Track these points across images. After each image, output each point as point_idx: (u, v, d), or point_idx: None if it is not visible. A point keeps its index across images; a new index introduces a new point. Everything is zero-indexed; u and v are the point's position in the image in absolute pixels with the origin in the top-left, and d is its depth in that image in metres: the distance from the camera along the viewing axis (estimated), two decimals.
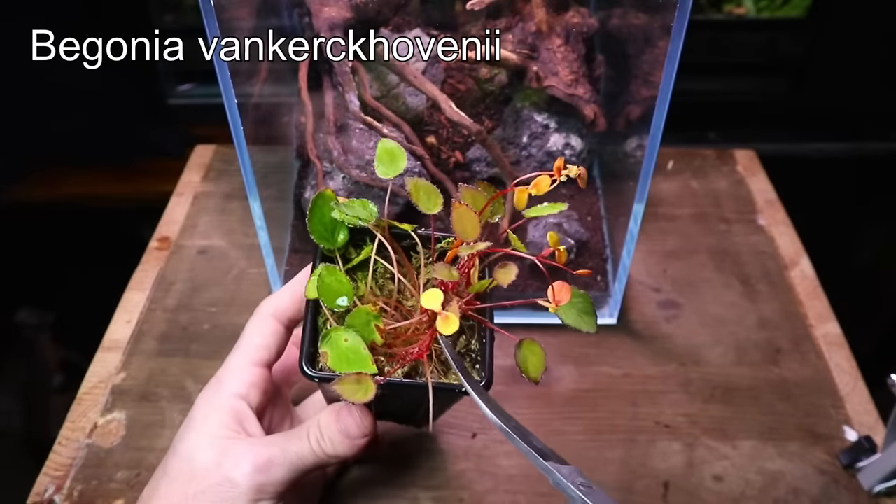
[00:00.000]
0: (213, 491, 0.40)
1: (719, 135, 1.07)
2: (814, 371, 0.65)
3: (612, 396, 0.62)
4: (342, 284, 0.40)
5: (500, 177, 0.66)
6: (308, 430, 0.42)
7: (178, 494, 0.41)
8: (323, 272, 0.40)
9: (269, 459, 0.41)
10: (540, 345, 0.40)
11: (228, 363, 0.45)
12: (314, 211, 0.42)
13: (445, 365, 0.41)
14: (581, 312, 0.39)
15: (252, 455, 0.41)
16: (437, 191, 0.41)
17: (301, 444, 0.42)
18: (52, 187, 1.07)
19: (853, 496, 0.56)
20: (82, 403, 0.62)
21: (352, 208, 0.42)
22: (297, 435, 0.42)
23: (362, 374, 0.37)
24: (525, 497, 0.56)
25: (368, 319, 0.39)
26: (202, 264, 0.74)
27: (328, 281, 0.40)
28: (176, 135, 1.05)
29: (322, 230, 0.43)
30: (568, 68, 0.62)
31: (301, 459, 0.42)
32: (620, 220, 0.62)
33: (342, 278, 0.41)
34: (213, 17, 0.46)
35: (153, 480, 0.43)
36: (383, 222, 0.43)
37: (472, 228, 0.38)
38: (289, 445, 0.42)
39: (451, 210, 0.38)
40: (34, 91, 0.95)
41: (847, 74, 1.03)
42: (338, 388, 0.37)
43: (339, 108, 0.61)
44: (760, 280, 0.73)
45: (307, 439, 0.42)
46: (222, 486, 0.40)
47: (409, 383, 0.40)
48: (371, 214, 0.42)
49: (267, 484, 0.41)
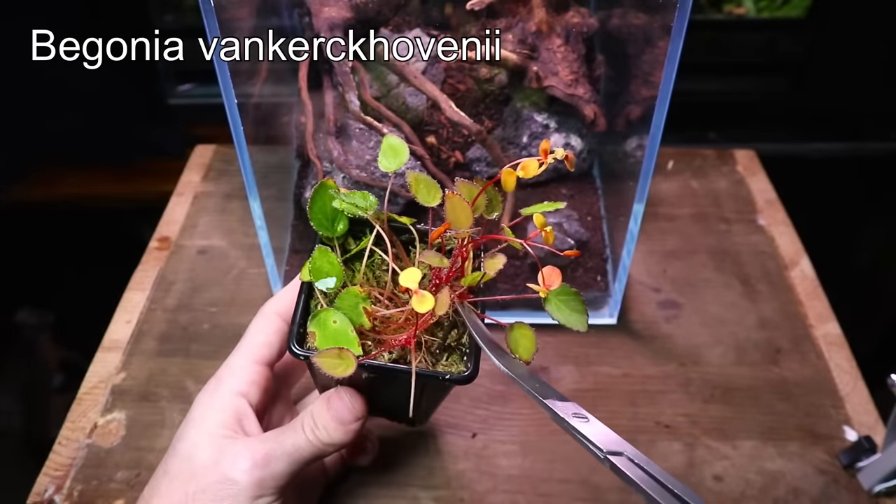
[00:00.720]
0: (213, 489, 0.40)
1: (719, 135, 1.07)
2: (814, 371, 0.65)
3: (612, 396, 0.62)
4: (332, 266, 0.41)
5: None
6: (302, 421, 0.43)
7: (178, 493, 0.41)
8: (315, 254, 0.41)
9: (267, 454, 0.41)
10: (531, 329, 0.40)
11: (229, 362, 0.45)
12: (315, 200, 0.43)
13: (434, 356, 0.42)
14: (572, 311, 0.39)
15: (249, 452, 0.41)
16: (437, 184, 0.42)
17: (297, 435, 0.42)
18: (52, 187, 1.07)
19: (853, 496, 0.56)
20: (82, 403, 0.62)
21: (352, 197, 0.42)
22: (292, 428, 0.43)
23: (343, 349, 0.37)
24: (525, 497, 0.56)
25: (357, 302, 0.40)
26: (202, 264, 0.74)
27: (319, 262, 0.41)
28: (176, 135, 1.05)
29: (322, 219, 0.44)
30: (568, 68, 0.62)
31: (298, 451, 0.42)
32: (620, 220, 0.62)
33: (333, 260, 0.42)
34: (213, 17, 0.46)
35: (154, 479, 0.43)
36: (383, 215, 0.43)
37: (464, 218, 0.38)
38: (285, 438, 0.42)
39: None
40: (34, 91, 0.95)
41: (847, 74, 1.03)
42: (318, 360, 0.37)
43: (339, 108, 0.61)
44: (760, 280, 0.73)
45: (302, 430, 0.42)
46: (222, 484, 0.40)
47: (392, 367, 0.39)
48: (371, 205, 0.43)
49: (267, 478, 0.41)
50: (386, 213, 0.44)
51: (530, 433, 0.60)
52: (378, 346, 0.41)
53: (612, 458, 0.34)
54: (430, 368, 0.41)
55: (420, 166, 0.63)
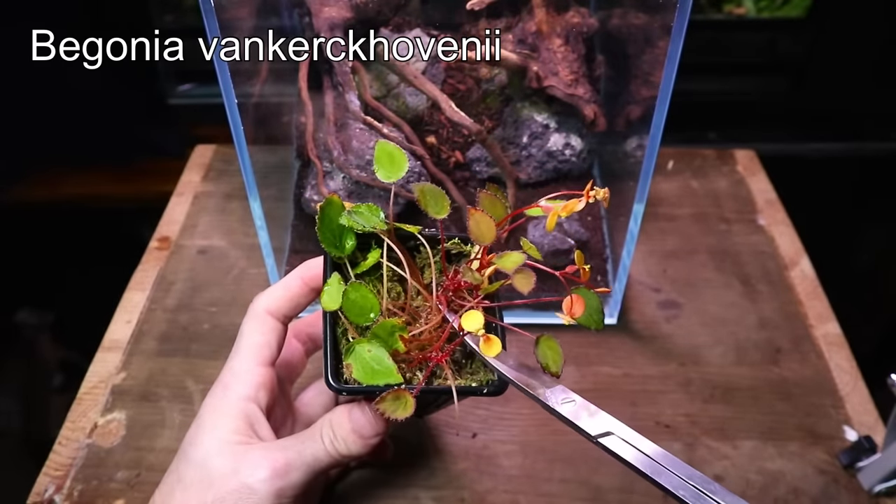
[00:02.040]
0: (232, 498, 0.40)
1: (719, 135, 1.07)
2: (814, 371, 0.65)
3: (612, 396, 0.62)
4: (368, 299, 0.41)
5: (500, 177, 0.66)
6: (321, 431, 0.42)
7: (195, 501, 0.40)
8: (349, 290, 0.40)
9: (287, 463, 0.41)
10: (556, 339, 0.41)
11: (232, 366, 0.44)
12: (322, 219, 0.42)
13: (458, 364, 0.42)
14: (591, 310, 0.39)
15: (269, 461, 0.41)
16: (444, 194, 0.41)
17: (315, 445, 0.42)
18: (53, 187, 1.07)
19: (853, 496, 0.56)
20: (82, 403, 0.62)
21: (360, 215, 0.42)
22: (311, 437, 0.42)
23: (399, 390, 0.38)
24: (525, 497, 0.56)
25: (393, 331, 0.40)
26: (202, 264, 0.74)
27: (354, 297, 0.40)
28: (176, 135, 1.05)
29: (331, 237, 0.43)
30: (568, 68, 0.62)
31: (317, 461, 0.42)
32: (620, 220, 0.62)
33: (366, 293, 0.41)
34: (213, 17, 0.46)
35: (165, 486, 0.42)
36: (389, 225, 0.43)
37: (489, 233, 0.39)
38: (304, 448, 0.42)
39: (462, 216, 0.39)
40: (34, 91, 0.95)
41: (847, 74, 1.03)
42: (381, 407, 0.38)
43: (339, 108, 0.61)
44: (760, 280, 0.73)
45: (321, 440, 0.42)
46: (241, 492, 0.40)
47: (438, 389, 0.40)
48: (380, 221, 0.42)
49: (286, 488, 0.41)
50: (392, 224, 0.43)
51: (531, 433, 0.60)
52: (408, 365, 0.41)
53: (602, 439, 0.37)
54: (459, 380, 0.41)
55: (420, 166, 0.63)
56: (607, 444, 0.37)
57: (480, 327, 0.37)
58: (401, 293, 0.44)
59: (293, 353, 0.51)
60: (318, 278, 0.45)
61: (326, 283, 0.41)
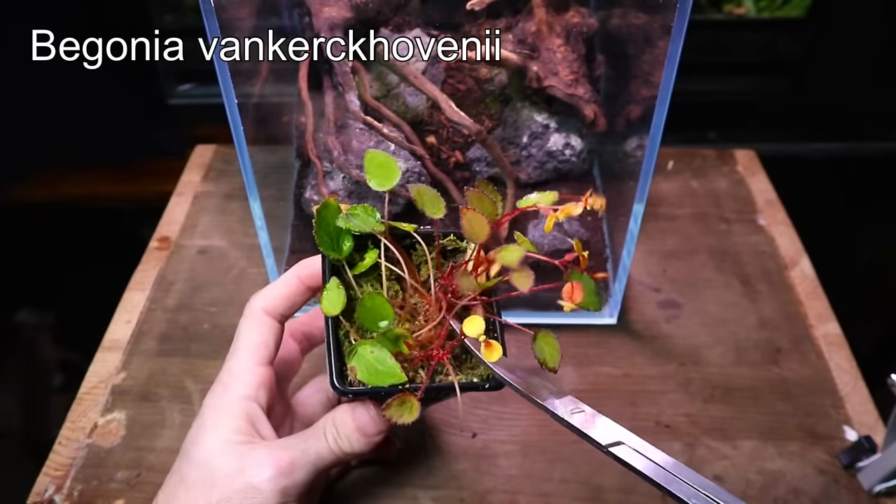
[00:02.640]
0: (237, 498, 0.40)
1: (719, 135, 1.07)
2: (814, 371, 0.65)
3: (612, 396, 0.62)
4: (382, 307, 0.41)
5: (500, 177, 0.66)
6: (324, 430, 0.42)
7: (199, 502, 0.40)
8: (366, 299, 0.40)
9: (292, 462, 0.41)
10: (554, 336, 0.41)
11: (231, 366, 0.44)
12: (320, 222, 0.42)
13: (457, 360, 0.43)
14: (588, 293, 0.40)
15: (273, 460, 0.41)
16: (440, 195, 0.41)
17: (319, 444, 0.42)
18: (53, 187, 1.07)
19: (853, 496, 0.56)
20: (82, 403, 0.62)
21: (357, 217, 0.42)
22: (314, 435, 0.42)
23: (404, 395, 0.38)
24: (525, 497, 0.56)
25: (400, 338, 0.40)
26: (202, 264, 0.74)
27: (369, 305, 0.40)
28: (176, 135, 1.05)
29: (328, 240, 0.43)
30: (568, 68, 0.62)
31: (321, 459, 0.42)
32: (620, 220, 0.62)
33: (382, 301, 0.41)
34: (213, 17, 0.46)
35: (168, 486, 0.42)
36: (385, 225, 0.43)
37: (481, 231, 0.39)
38: (308, 447, 0.42)
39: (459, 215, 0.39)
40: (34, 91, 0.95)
41: (847, 74, 1.03)
42: (387, 413, 0.38)
43: (339, 108, 0.61)
44: (760, 280, 0.73)
45: (324, 439, 0.42)
46: (246, 492, 0.40)
47: (441, 386, 0.41)
48: (377, 223, 0.42)
49: (291, 487, 0.41)
50: (388, 223, 0.43)
51: (531, 433, 0.60)
52: (410, 363, 0.41)
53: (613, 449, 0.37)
54: (460, 375, 0.42)
55: (420, 166, 0.63)
56: (618, 453, 0.37)
57: (481, 332, 0.37)
58: (399, 292, 0.44)
59: (290, 351, 0.51)
60: (314, 277, 0.45)
61: (325, 287, 0.41)
